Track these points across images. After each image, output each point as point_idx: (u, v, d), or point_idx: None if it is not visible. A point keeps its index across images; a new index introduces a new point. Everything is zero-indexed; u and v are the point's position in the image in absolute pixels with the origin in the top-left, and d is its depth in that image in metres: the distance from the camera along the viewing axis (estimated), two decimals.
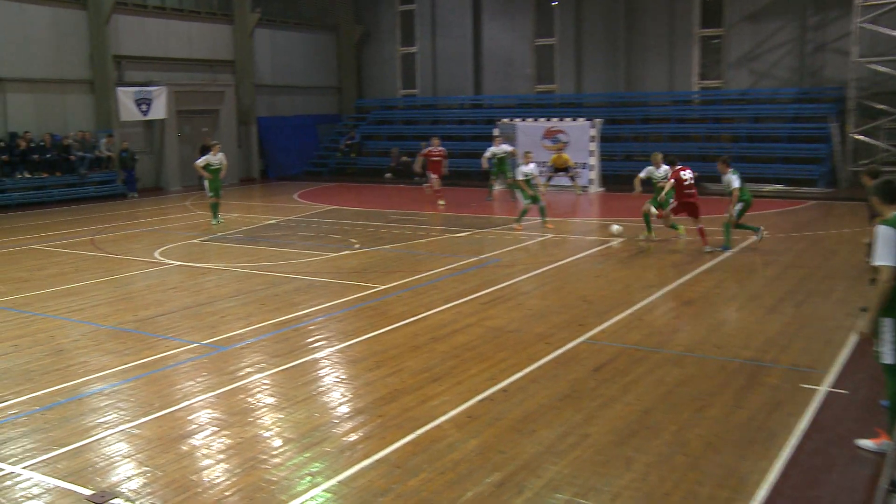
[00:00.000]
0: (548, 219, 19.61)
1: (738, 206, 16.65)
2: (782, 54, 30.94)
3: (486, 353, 9.69)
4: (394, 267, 15.26)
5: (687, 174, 16.40)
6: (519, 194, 19.32)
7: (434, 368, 9.17)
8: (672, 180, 16.34)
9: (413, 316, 11.51)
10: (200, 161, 21.92)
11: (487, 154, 26.15)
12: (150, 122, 32.14)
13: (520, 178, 19.27)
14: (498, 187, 27.79)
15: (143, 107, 30.55)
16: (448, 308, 11.98)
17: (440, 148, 24.44)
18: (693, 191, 16.40)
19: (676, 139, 30.85)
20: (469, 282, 13.78)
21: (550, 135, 30.09)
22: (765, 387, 8.32)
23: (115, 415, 8.00)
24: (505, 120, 31.18)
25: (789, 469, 6.44)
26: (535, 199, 19.44)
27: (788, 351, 9.54)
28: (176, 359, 9.78)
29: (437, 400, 8.16)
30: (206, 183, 21.98)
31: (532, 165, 19.59)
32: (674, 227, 17.43)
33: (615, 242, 17.38)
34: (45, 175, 28.34)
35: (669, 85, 33.17)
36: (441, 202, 23.74)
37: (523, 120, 30.88)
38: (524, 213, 19.84)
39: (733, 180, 16.58)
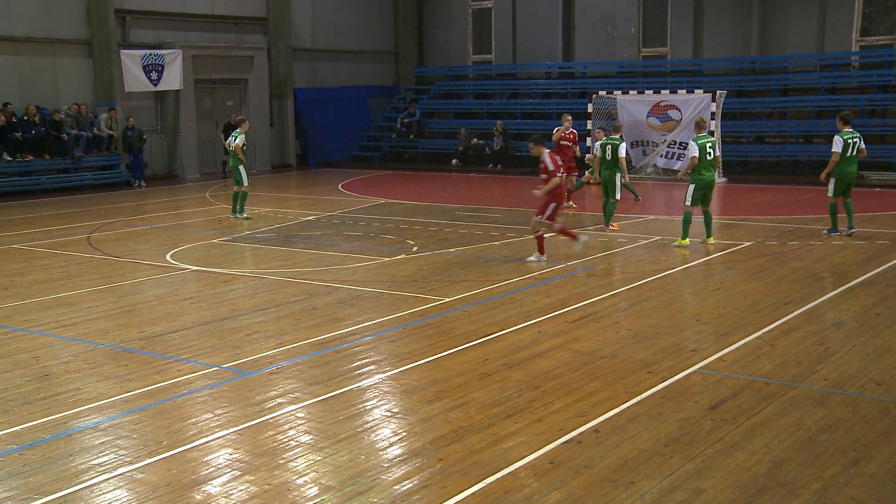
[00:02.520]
0: (613, 225, 19.84)
1: (831, 184, 17.91)
2: None
3: (573, 384, 9.74)
4: (460, 275, 15.44)
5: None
6: (618, 182, 19.40)
7: (508, 402, 9.21)
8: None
9: (483, 336, 11.60)
10: (239, 141, 22.20)
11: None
12: (161, 94, 32.96)
13: (623, 154, 19.39)
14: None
15: (154, 75, 31.28)
16: (527, 327, 12.07)
17: (572, 130, 23.89)
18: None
19: (826, 115, 30.50)
20: (553, 294, 13.91)
21: (659, 111, 30.18)
22: None
23: (112, 455, 8.05)
24: (602, 93, 31.40)
25: None
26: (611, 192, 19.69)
27: None
28: (190, 386, 9.92)
29: (512, 441, 8.18)
30: (243, 168, 22.37)
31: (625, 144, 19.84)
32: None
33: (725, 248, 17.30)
34: (30, 158, 28.89)
35: (819, 45, 32.88)
36: (571, 203, 23.61)
37: (625, 93, 31.05)
38: (613, 207, 19.86)
39: (834, 143, 17.51)
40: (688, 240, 17.68)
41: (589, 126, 30.22)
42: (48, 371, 10.55)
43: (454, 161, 36.09)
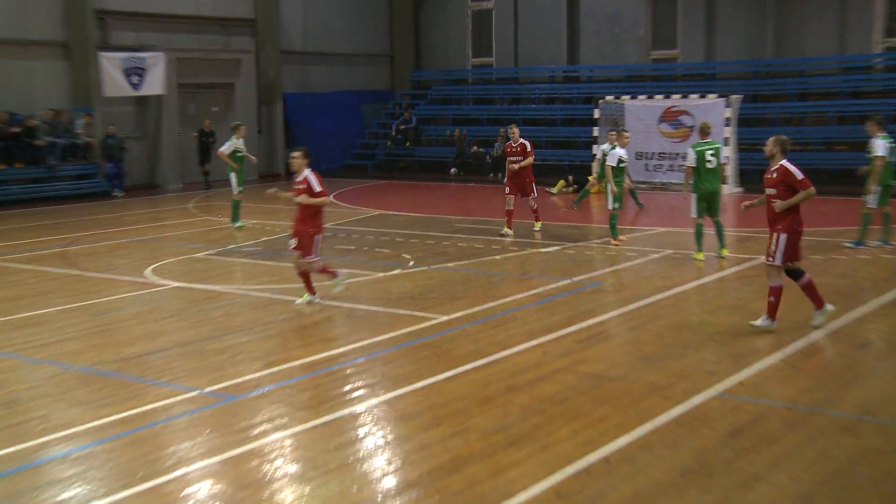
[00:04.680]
0: (620, 237, 19.78)
1: (875, 192, 17.73)
2: None
3: (580, 409, 9.69)
4: (460, 291, 15.42)
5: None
6: (614, 190, 19.30)
7: (511, 428, 9.16)
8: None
9: (484, 357, 11.55)
10: (226, 147, 22.49)
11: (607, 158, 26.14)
12: (143, 100, 32.83)
13: (612, 164, 19.36)
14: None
15: (135, 79, 31.25)
16: (531, 347, 12.03)
17: (522, 142, 23.63)
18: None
19: (848, 121, 30.44)
20: (559, 312, 13.86)
21: (671, 117, 30.11)
22: None
23: (83, 488, 7.96)
24: (609, 98, 31.37)
25: None
26: (619, 201, 19.57)
27: None
28: (169, 411, 9.83)
29: (515, 471, 8.13)
30: (234, 176, 22.53)
31: (622, 151, 19.70)
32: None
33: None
34: (1, 166, 28.84)
35: (839, 46, 32.75)
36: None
37: (633, 98, 31.05)
38: (616, 218, 19.71)
39: (878, 146, 17.29)
40: (703, 254, 17.58)
41: (595, 133, 30.21)
42: (14, 397, 10.45)
43: (452, 170, 36.17)
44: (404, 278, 16.56)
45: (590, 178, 27.03)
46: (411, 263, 17.89)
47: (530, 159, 21.09)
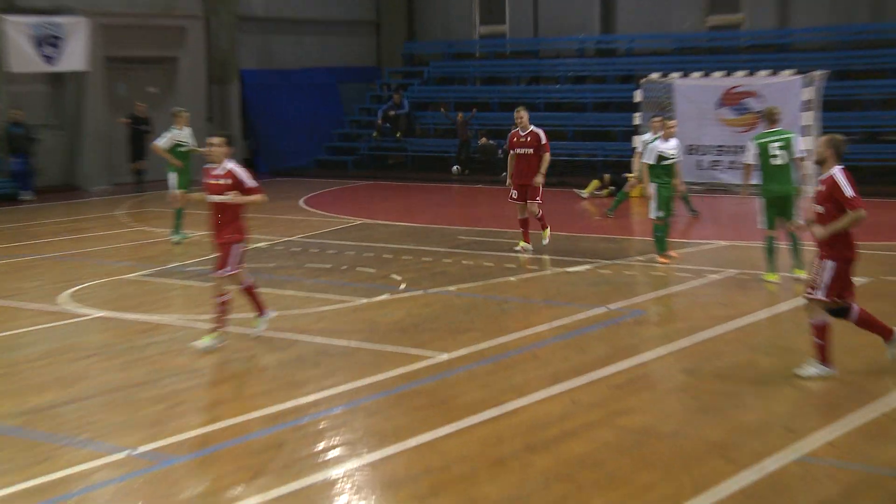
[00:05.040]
0: (670, 253, 19.95)
1: None
2: None
3: (619, 474, 9.65)
4: (464, 322, 15.51)
5: None
6: (653, 194, 19.50)
7: (530, 498, 9.12)
8: None
9: (495, 406, 11.51)
10: (163, 141, 22.75)
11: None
12: (59, 77, 32.95)
13: (649, 160, 19.60)
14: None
15: (48, 50, 31.12)
16: (555, 394, 12.01)
17: (532, 129, 23.47)
18: None
19: None
20: (591, 349, 13.91)
21: (733, 100, 30.19)
22: None
23: None
24: (654, 76, 31.35)
25: None
26: (667, 207, 19.59)
27: None
28: (89, 479, 9.71)
29: None
30: (174, 177, 22.73)
31: (674, 142, 19.73)
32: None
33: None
34: None
35: None
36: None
37: (685, 75, 31.07)
38: (662, 230, 19.84)
39: None
40: (776, 275, 17.59)
41: (637, 120, 30.27)
42: None
43: (455, 168, 36.42)
44: (394, 306, 16.64)
45: (629, 177, 27.01)
46: (403, 287, 18.00)
47: (546, 156, 20.95)
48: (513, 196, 21.08)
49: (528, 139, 20.99)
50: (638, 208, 26.52)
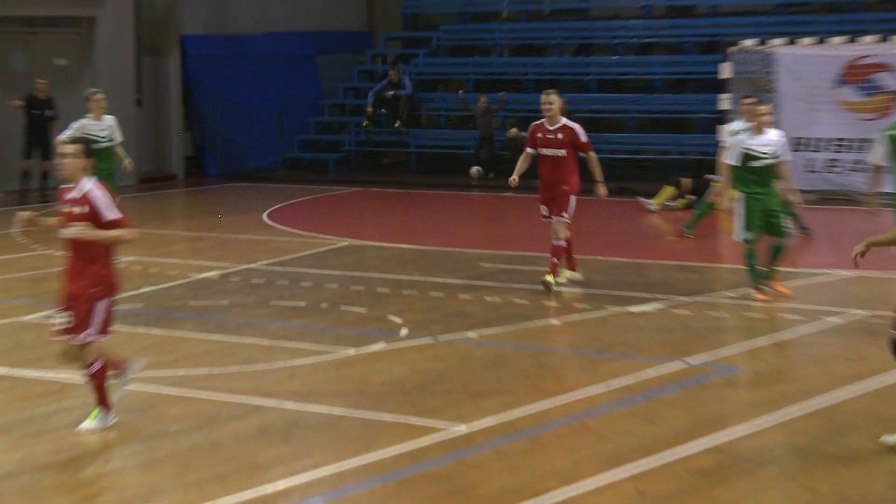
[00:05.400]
0: (776, 286, 19.92)
1: None
2: None
3: None
4: (489, 382, 15.46)
5: None
6: (737, 208, 19.70)
7: None
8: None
9: (531, 497, 11.34)
10: (68, 135, 22.31)
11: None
12: None
13: (731, 161, 19.74)
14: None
15: None
16: (613, 482, 11.78)
17: (564, 123, 22.40)
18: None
19: None
20: (663, 419, 13.72)
21: (859, 75, 30.12)
22: None
23: None
24: (748, 42, 31.34)
25: None
26: (761, 226, 19.45)
27: None
28: None
29: None
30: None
31: (770, 135, 19.65)
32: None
33: None
34: None
35: None
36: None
37: (790, 42, 30.94)
38: (756, 257, 19.85)
39: None
40: None
41: (724, 104, 30.27)
42: None
43: (475, 169, 36.41)
44: (392, 358, 16.59)
45: (714, 182, 26.80)
46: (404, 332, 17.96)
47: (593, 156, 20.89)
48: (543, 213, 21.09)
49: (559, 136, 20.70)
50: (728, 224, 25.54)
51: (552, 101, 20.59)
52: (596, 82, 36.83)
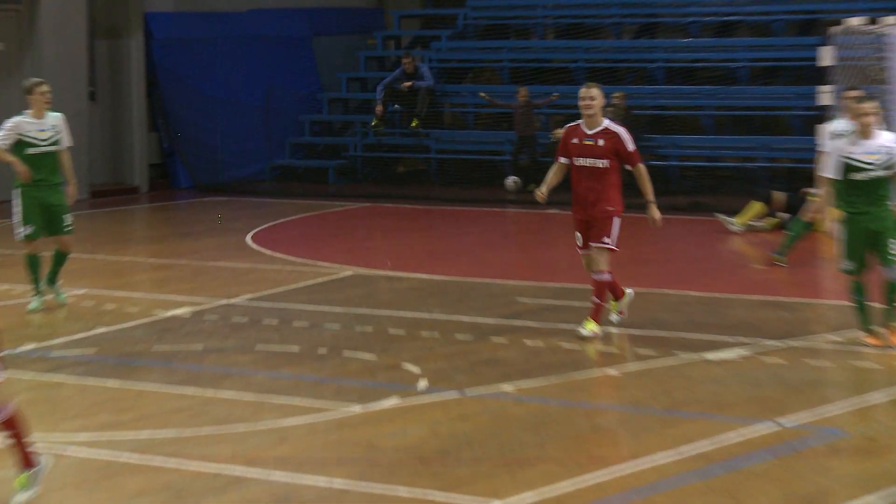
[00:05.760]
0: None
1: None
2: None
3: None
4: (529, 448, 15.39)
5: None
6: (838, 230, 19.94)
7: None
8: None
9: None
10: (3, 135, 23.33)
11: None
12: None
13: (831, 173, 19.71)
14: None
15: None
16: None
17: (607, 126, 22.33)
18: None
19: None
20: (747, 497, 13.64)
21: None
22: None
23: None
24: (854, 21, 31.19)
25: None
26: (888, 257, 19.49)
27: None
28: None
29: None
30: (19, 196, 23.45)
31: (887, 137, 19.54)
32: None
33: None
34: None
35: None
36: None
37: None
38: (862, 291, 19.93)
39: None
40: None
41: (824, 99, 30.15)
42: None
43: (512, 180, 36.55)
44: (408, 418, 16.66)
45: (811, 196, 27.03)
46: (423, 385, 18.00)
47: (642, 169, 20.84)
48: (579, 243, 20.99)
49: (599, 143, 20.73)
50: (830, 250, 25.20)
51: (594, 96, 20.74)
52: (663, 71, 37.25)
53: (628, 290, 21.04)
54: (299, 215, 34.07)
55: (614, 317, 20.91)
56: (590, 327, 20.31)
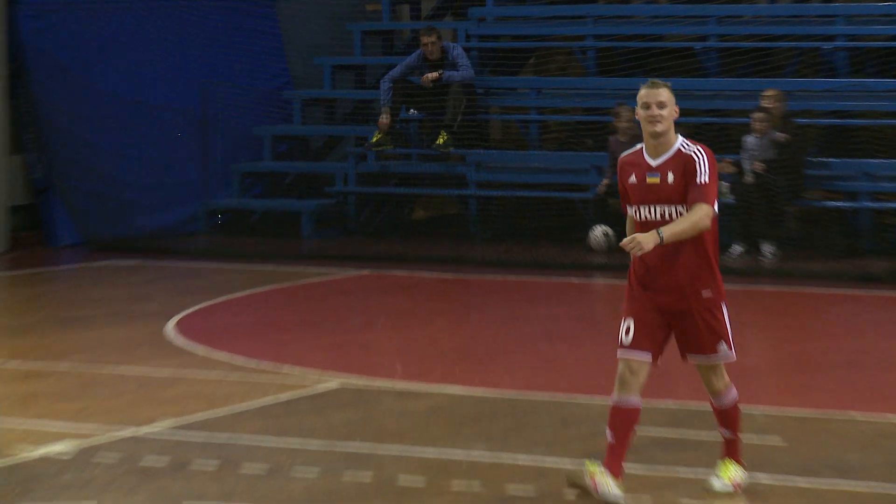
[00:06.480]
0: None
1: None
2: None
3: None
4: None
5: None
6: None
7: None
8: None
9: None
10: None
11: None
12: None
13: None
14: None
15: None
16: None
17: (683, 150, 18.75)
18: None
19: None
20: None
21: None
22: None
23: None
24: None
25: None
26: None
27: None
28: None
29: None
30: None
31: None
32: None
33: None
34: None
35: None
36: None
37: None
38: None
39: None
40: None
41: None
42: None
43: (599, 231, 32.07)
44: None
45: None
46: None
47: (706, 210, 15.45)
48: (627, 342, 14.96)
49: (669, 178, 14.89)
50: None
51: (664, 100, 14.49)
52: (846, 56, 31.15)
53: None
54: (254, 289, 29.58)
55: (741, 475, 15.29)
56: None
